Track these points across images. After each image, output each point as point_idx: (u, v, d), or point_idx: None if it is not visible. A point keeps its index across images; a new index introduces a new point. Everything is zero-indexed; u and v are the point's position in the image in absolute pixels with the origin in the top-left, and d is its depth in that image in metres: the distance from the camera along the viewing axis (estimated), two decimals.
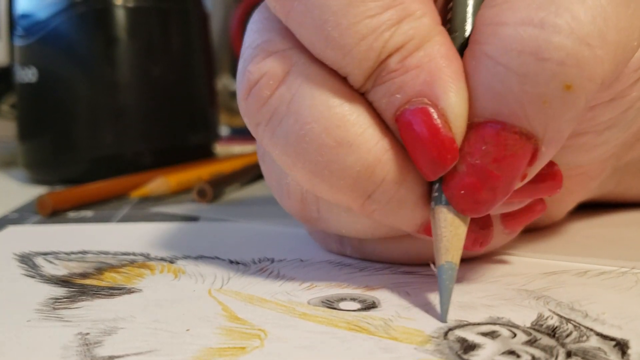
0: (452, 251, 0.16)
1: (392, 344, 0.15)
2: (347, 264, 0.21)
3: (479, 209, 0.16)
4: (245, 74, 0.17)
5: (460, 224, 0.16)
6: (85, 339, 0.15)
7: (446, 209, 0.16)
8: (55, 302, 0.18)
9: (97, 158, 0.39)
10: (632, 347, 0.14)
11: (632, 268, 0.20)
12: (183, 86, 0.42)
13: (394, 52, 0.15)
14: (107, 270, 0.21)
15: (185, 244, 0.24)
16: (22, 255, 0.23)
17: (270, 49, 0.17)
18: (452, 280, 0.16)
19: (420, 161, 0.16)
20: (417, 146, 0.16)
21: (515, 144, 0.15)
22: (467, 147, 0.16)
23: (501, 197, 0.16)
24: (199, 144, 0.43)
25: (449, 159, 0.15)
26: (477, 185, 0.15)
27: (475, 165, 0.15)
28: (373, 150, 0.16)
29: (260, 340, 0.15)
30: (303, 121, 0.16)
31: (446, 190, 0.16)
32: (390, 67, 0.16)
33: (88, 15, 0.38)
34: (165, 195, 0.35)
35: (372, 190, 0.16)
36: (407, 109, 0.16)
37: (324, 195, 0.17)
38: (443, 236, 0.16)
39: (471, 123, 0.16)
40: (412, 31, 0.15)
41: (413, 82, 0.15)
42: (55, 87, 0.39)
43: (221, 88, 0.69)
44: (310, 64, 0.16)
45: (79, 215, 0.30)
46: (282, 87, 0.16)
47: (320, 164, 0.16)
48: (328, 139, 0.16)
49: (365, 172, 0.16)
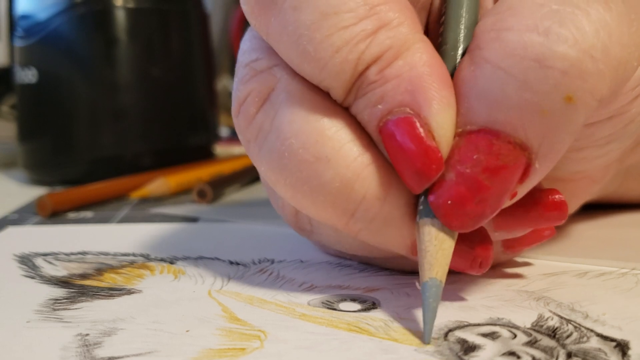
0: (436, 267, 0.15)
1: (392, 345, 0.14)
2: (347, 265, 0.21)
3: (466, 223, 0.15)
4: (236, 92, 0.17)
5: (446, 238, 0.15)
6: (85, 340, 0.15)
7: (431, 222, 0.15)
8: (55, 303, 0.18)
9: (96, 159, 0.39)
10: (633, 348, 0.14)
11: (632, 269, 0.20)
12: (183, 87, 0.42)
13: (371, 63, 0.15)
14: (106, 271, 0.21)
15: (185, 244, 0.24)
16: (22, 256, 0.23)
17: (256, 67, 0.17)
18: (436, 298, 0.15)
19: (405, 173, 0.15)
20: (400, 157, 0.15)
21: (509, 154, 0.15)
22: (458, 155, 0.15)
23: (490, 212, 0.15)
24: (198, 145, 0.43)
25: (433, 169, 0.15)
26: (465, 196, 0.15)
27: (465, 174, 0.15)
28: (352, 166, 0.16)
29: (260, 341, 0.15)
30: (283, 137, 0.16)
31: (433, 200, 0.15)
32: (370, 79, 0.15)
33: (88, 16, 0.38)
34: (165, 196, 0.35)
35: (354, 208, 0.16)
36: (390, 119, 0.15)
37: (309, 213, 0.17)
38: (427, 251, 0.15)
39: (463, 131, 0.15)
40: (389, 41, 0.15)
41: (394, 91, 0.15)
42: (55, 88, 0.39)
43: (221, 89, 0.69)
44: (292, 80, 0.16)
45: (78, 216, 0.30)
46: (266, 104, 0.17)
47: (300, 180, 0.16)
48: (306, 154, 0.16)
49: (345, 188, 0.16)
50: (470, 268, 0.16)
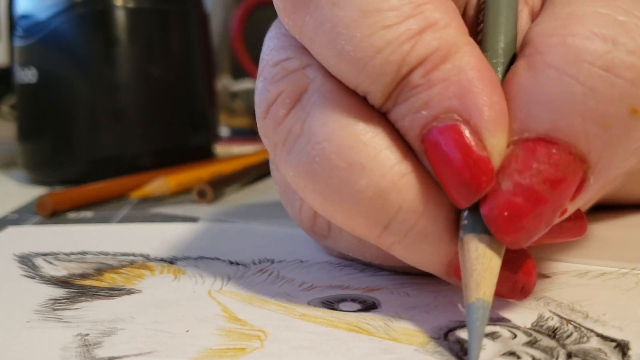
0: (483, 287, 0.14)
1: (392, 345, 0.14)
2: (347, 265, 0.21)
3: (521, 238, 0.14)
4: (264, 93, 0.16)
5: (494, 255, 0.14)
6: (85, 340, 0.15)
7: (478, 237, 0.14)
8: (55, 303, 0.18)
9: (96, 159, 0.39)
10: (633, 349, 0.14)
11: (632, 269, 0.20)
12: (183, 87, 0.42)
13: (416, 65, 0.14)
14: (106, 271, 0.21)
15: (185, 244, 0.24)
16: (22, 256, 0.23)
17: (287, 66, 0.16)
18: (483, 320, 0.13)
19: (450, 186, 0.14)
20: (446, 168, 0.14)
21: (569, 166, 0.14)
22: (515, 164, 0.14)
23: (543, 228, 0.14)
24: (198, 145, 0.43)
25: (484, 182, 0.14)
26: (523, 208, 0.14)
27: (523, 184, 0.14)
28: (388, 174, 0.15)
29: (260, 341, 0.15)
30: (315, 140, 0.15)
31: (486, 211, 0.14)
32: (414, 82, 0.14)
33: (88, 16, 0.38)
34: (165, 196, 0.35)
35: (388, 220, 0.15)
36: (435, 126, 0.14)
37: (338, 223, 0.16)
38: (474, 270, 0.14)
39: (519, 139, 0.14)
40: (435, 42, 0.14)
41: (440, 96, 0.14)
42: (55, 88, 0.39)
43: (221, 89, 0.69)
44: (326, 82, 0.15)
45: (78, 216, 0.30)
46: (298, 106, 0.16)
47: (331, 187, 0.15)
48: (339, 160, 0.15)
49: (379, 198, 0.15)
50: (511, 294, 0.15)
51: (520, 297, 0.15)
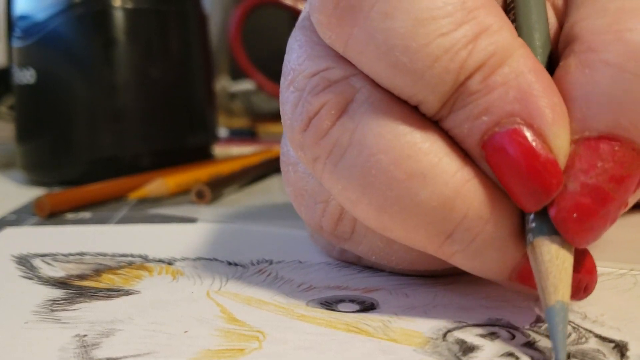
0: (561, 289, 0.14)
1: (390, 346, 0.14)
2: (346, 266, 0.21)
3: (590, 237, 0.14)
4: (305, 105, 0.16)
5: (567, 255, 0.14)
6: (83, 341, 0.15)
7: (549, 239, 0.14)
8: (53, 304, 0.18)
9: (95, 159, 0.39)
10: (631, 349, 0.14)
11: (630, 270, 0.20)
12: (182, 88, 0.42)
13: (474, 71, 0.14)
14: (105, 272, 0.21)
15: (184, 245, 0.24)
16: (20, 257, 0.23)
17: (329, 77, 0.16)
18: (565, 322, 0.13)
19: (518, 190, 0.14)
20: (513, 173, 0.14)
21: (632, 162, 0.14)
22: (579, 164, 0.14)
23: (609, 225, 0.14)
24: (197, 146, 0.43)
25: (554, 185, 0.14)
26: (591, 208, 0.14)
27: (590, 184, 0.14)
28: (451, 182, 0.14)
29: (258, 342, 0.15)
30: (368, 152, 0.15)
31: (555, 214, 0.14)
32: (472, 88, 0.14)
33: (86, 17, 0.38)
34: (164, 196, 0.35)
35: (452, 229, 0.15)
36: (497, 132, 0.14)
37: (394, 235, 0.15)
38: (549, 272, 0.14)
39: (580, 138, 0.14)
40: (492, 47, 0.14)
41: (501, 101, 0.14)
42: (54, 88, 0.39)
43: (219, 90, 0.69)
44: (374, 91, 0.15)
45: (77, 217, 0.30)
46: (344, 117, 0.15)
47: (389, 199, 0.15)
48: (397, 171, 0.14)
49: (443, 207, 0.14)
50: (575, 294, 0.15)
51: (583, 297, 0.15)
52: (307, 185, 0.18)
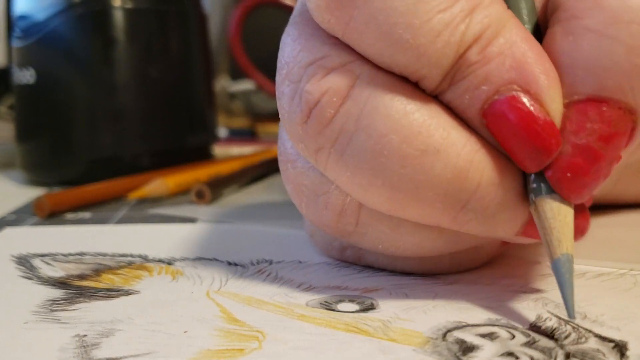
0: (564, 241, 0.15)
1: (390, 346, 0.14)
2: (346, 266, 0.21)
3: (584, 194, 0.15)
4: (303, 96, 0.16)
5: (568, 210, 0.15)
6: (83, 341, 0.15)
7: (551, 197, 0.15)
8: (53, 304, 0.18)
9: (95, 159, 0.39)
10: (631, 349, 0.14)
11: (630, 269, 0.20)
12: (181, 88, 0.42)
13: (472, 43, 0.15)
14: (104, 272, 0.21)
15: (183, 245, 0.24)
16: (20, 257, 0.23)
17: (327, 65, 0.16)
18: (571, 272, 0.15)
19: (521, 153, 0.15)
20: (516, 137, 0.15)
21: (619, 120, 0.15)
22: (570, 127, 0.15)
23: (602, 180, 0.15)
24: (197, 146, 0.43)
25: (553, 145, 0.15)
26: (583, 167, 0.15)
27: (580, 145, 0.15)
28: (463, 153, 0.15)
29: (258, 342, 0.15)
30: (378, 134, 0.15)
31: (551, 175, 0.15)
32: (471, 60, 0.15)
33: (86, 17, 0.38)
34: (164, 196, 0.35)
35: (467, 198, 0.15)
36: (497, 99, 0.15)
37: (408, 214, 0.16)
38: (553, 227, 0.15)
39: (570, 101, 0.15)
40: (486, 19, 0.15)
41: (499, 70, 0.15)
42: (53, 88, 0.39)
43: (219, 89, 0.69)
44: (375, 74, 0.15)
45: (76, 217, 0.30)
46: (348, 103, 0.15)
47: (404, 177, 0.15)
48: (410, 148, 0.15)
49: (458, 178, 0.15)
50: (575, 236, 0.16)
51: (579, 238, 0.16)
52: (306, 179, 0.18)
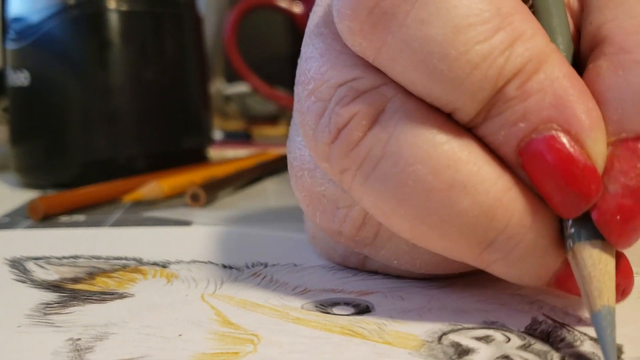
0: (605, 293, 0.14)
1: (386, 349, 0.14)
2: (341, 269, 0.21)
3: (633, 239, 0.14)
4: (332, 117, 0.15)
5: (609, 259, 0.14)
6: (77, 345, 0.15)
7: (591, 244, 0.14)
8: (47, 308, 0.18)
9: (89, 162, 0.39)
10: (626, 352, 0.14)
11: None
12: (176, 90, 0.42)
13: (511, 78, 0.14)
14: (99, 275, 0.21)
15: (178, 248, 0.24)
16: (13, 260, 0.23)
17: (358, 87, 0.15)
18: (613, 327, 0.13)
19: (557, 197, 0.14)
20: (552, 180, 0.14)
21: None
22: (619, 166, 0.14)
23: None
24: (192, 148, 0.43)
25: (593, 191, 0.14)
26: (634, 210, 0.14)
27: (631, 186, 0.14)
28: (492, 191, 0.14)
29: (253, 345, 0.15)
30: (405, 163, 0.14)
31: (598, 217, 0.14)
32: (509, 95, 0.14)
33: (81, 19, 0.38)
34: (158, 199, 0.35)
35: (493, 238, 0.15)
36: (534, 138, 0.14)
37: (431, 246, 0.15)
38: (593, 277, 0.14)
39: (618, 139, 0.14)
40: (527, 53, 0.14)
41: (538, 107, 0.14)
42: (48, 90, 0.39)
43: (214, 92, 0.69)
44: (407, 100, 0.15)
45: (71, 220, 0.30)
46: (376, 128, 0.15)
47: (428, 210, 0.14)
48: (436, 181, 0.14)
49: (485, 216, 0.14)
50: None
51: (621, 300, 0.15)
52: (326, 190, 0.18)
